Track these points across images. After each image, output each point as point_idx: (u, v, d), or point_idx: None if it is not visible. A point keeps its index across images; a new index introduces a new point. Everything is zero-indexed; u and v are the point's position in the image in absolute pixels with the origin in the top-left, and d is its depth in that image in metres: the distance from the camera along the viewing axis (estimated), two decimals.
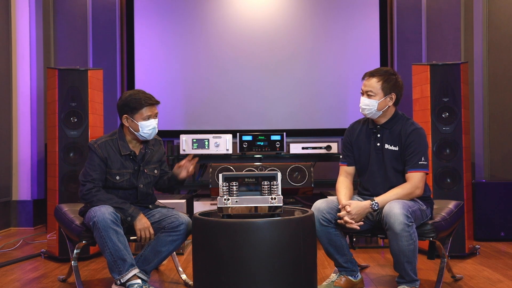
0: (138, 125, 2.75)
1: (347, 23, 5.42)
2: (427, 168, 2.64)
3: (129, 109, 2.75)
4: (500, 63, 4.74)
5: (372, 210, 2.58)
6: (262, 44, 5.44)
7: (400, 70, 5.22)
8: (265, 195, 2.40)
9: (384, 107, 2.69)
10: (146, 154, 2.84)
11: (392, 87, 2.69)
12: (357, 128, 2.84)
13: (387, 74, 2.71)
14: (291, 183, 4.14)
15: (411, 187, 2.60)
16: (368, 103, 2.68)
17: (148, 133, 2.77)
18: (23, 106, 5.05)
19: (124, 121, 2.78)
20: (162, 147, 2.96)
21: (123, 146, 2.78)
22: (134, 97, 2.76)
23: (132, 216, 2.66)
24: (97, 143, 2.76)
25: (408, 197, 2.60)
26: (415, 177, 2.62)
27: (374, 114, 2.71)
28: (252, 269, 2.24)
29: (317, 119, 5.39)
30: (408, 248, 2.47)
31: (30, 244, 4.23)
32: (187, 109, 5.43)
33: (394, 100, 2.71)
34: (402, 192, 2.60)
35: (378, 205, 2.56)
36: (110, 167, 2.75)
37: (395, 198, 2.57)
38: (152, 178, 2.86)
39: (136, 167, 2.80)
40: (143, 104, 2.74)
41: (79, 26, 5.44)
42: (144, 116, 2.74)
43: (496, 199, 4.13)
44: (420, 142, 2.65)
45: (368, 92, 2.69)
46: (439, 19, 5.25)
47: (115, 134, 2.82)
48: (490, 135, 4.77)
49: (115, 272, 2.58)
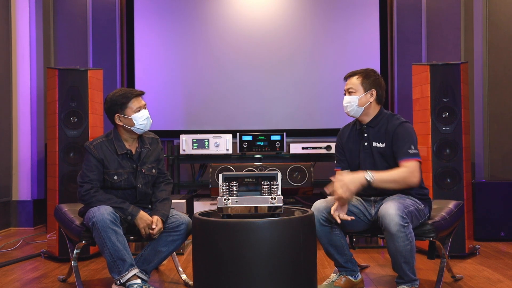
0: (132, 119, 2.75)
1: (347, 23, 5.42)
2: (419, 156, 2.59)
3: (118, 107, 2.76)
4: (500, 63, 4.74)
5: (365, 181, 2.51)
6: (262, 44, 5.44)
7: (400, 70, 5.22)
8: (265, 195, 2.40)
9: (365, 103, 2.71)
10: (143, 153, 2.84)
11: (372, 83, 2.72)
12: (346, 132, 2.86)
13: (367, 72, 2.77)
14: (291, 183, 4.14)
15: (407, 171, 2.54)
16: (349, 100, 2.72)
17: (143, 123, 2.77)
18: (23, 106, 5.05)
19: (117, 120, 2.78)
20: (159, 145, 2.95)
21: (119, 145, 2.79)
22: (118, 94, 2.77)
23: (132, 215, 2.66)
24: (93, 144, 2.77)
25: (404, 181, 2.54)
26: (409, 164, 2.56)
27: (356, 111, 2.72)
28: (252, 269, 2.24)
29: (317, 119, 5.40)
30: (405, 249, 2.46)
31: (30, 244, 4.23)
32: (187, 109, 5.43)
33: (375, 96, 2.72)
34: (398, 174, 2.54)
35: (373, 177, 2.50)
36: (107, 167, 2.75)
37: (390, 178, 2.53)
38: (150, 177, 2.86)
39: (134, 165, 2.80)
40: (129, 97, 2.76)
41: (79, 26, 5.44)
42: (134, 109, 2.75)
43: (496, 199, 4.13)
44: (406, 133, 2.63)
45: (349, 90, 2.74)
46: (439, 19, 5.25)
47: (110, 135, 2.83)
48: (490, 135, 4.77)
49: (115, 272, 2.58)
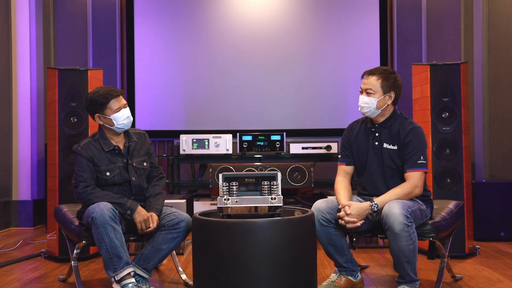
0: (111, 119, 2.76)
1: (347, 23, 5.42)
2: (426, 167, 2.64)
3: (98, 107, 2.77)
4: (500, 63, 4.74)
5: (372, 211, 2.58)
6: (262, 44, 5.44)
7: (400, 70, 5.22)
8: (265, 195, 2.40)
9: (383, 105, 2.70)
10: (131, 147, 2.85)
11: (392, 86, 2.70)
12: (356, 128, 2.84)
13: (387, 73, 2.71)
14: (291, 183, 4.14)
15: (410, 187, 2.61)
16: (367, 101, 2.69)
17: (123, 123, 2.78)
18: (23, 106, 5.05)
19: (98, 120, 2.80)
20: (147, 139, 2.96)
21: (105, 143, 2.81)
22: (98, 94, 2.77)
23: (131, 209, 2.67)
24: (80, 145, 2.79)
25: (408, 196, 2.60)
26: (414, 176, 2.62)
27: (373, 113, 2.71)
28: (252, 269, 2.24)
29: (317, 119, 5.39)
30: (407, 248, 2.47)
31: (30, 244, 4.23)
32: (187, 109, 5.43)
33: (393, 98, 2.71)
34: (402, 192, 2.60)
35: (377, 206, 2.56)
36: (98, 164, 2.76)
37: (394, 198, 2.57)
38: (142, 171, 2.87)
39: (124, 160, 2.82)
40: (109, 98, 2.76)
41: (79, 26, 5.44)
42: (114, 109, 2.76)
43: (496, 199, 4.13)
44: (418, 141, 2.65)
45: (368, 90, 2.70)
46: (439, 19, 5.25)
47: (95, 135, 2.86)
48: (490, 135, 4.76)
49: (110, 269, 2.57)
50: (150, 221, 2.68)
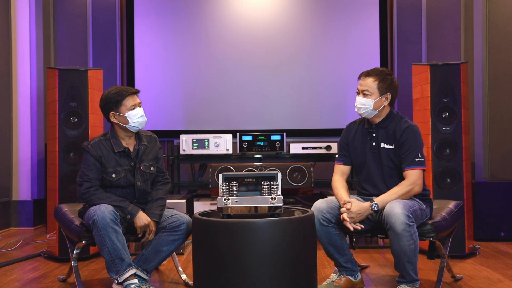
0: (126, 117, 2.76)
1: (347, 23, 5.42)
2: (424, 164, 2.65)
3: (113, 104, 2.77)
4: (500, 63, 4.74)
5: (372, 211, 2.59)
6: (262, 44, 5.44)
7: (400, 70, 5.22)
8: (265, 195, 2.40)
9: (380, 106, 2.71)
10: (140, 151, 2.84)
11: (388, 87, 2.71)
12: (353, 129, 2.86)
13: (383, 74, 2.73)
14: (291, 183, 4.14)
15: (409, 185, 2.61)
16: (364, 102, 2.70)
17: (138, 121, 2.78)
18: (23, 106, 5.05)
19: (112, 118, 2.79)
20: (157, 144, 2.95)
21: (116, 144, 2.79)
22: (114, 92, 2.78)
23: (132, 214, 2.66)
24: (90, 144, 2.78)
25: (407, 195, 2.61)
26: (412, 174, 2.62)
27: (370, 114, 2.72)
28: (252, 269, 2.24)
29: (317, 119, 5.39)
30: (409, 248, 2.47)
31: (30, 244, 4.23)
32: (187, 109, 5.43)
33: (390, 100, 2.73)
34: (401, 191, 2.60)
35: (377, 206, 2.57)
36: (105, 165, 2.76)
37: (394, 197, 2.57)
38: (148, 175, 2.86)
39: (131, 163, 2.81)
40: (124, 95, 2.77)
41: (79, 26, 5.44)
42: (129, 107, 2.76)
43: (496, 199, 4.13)
44: (414, 139, 2.66)
45: (364, 92, 2.71)
46: (439, 19, 5.25)
47: (107, 134, 2.84)
48: (490, 135, 4.77)
49: (113, 272, 2.57)
50: (149, 229, 2.68)
